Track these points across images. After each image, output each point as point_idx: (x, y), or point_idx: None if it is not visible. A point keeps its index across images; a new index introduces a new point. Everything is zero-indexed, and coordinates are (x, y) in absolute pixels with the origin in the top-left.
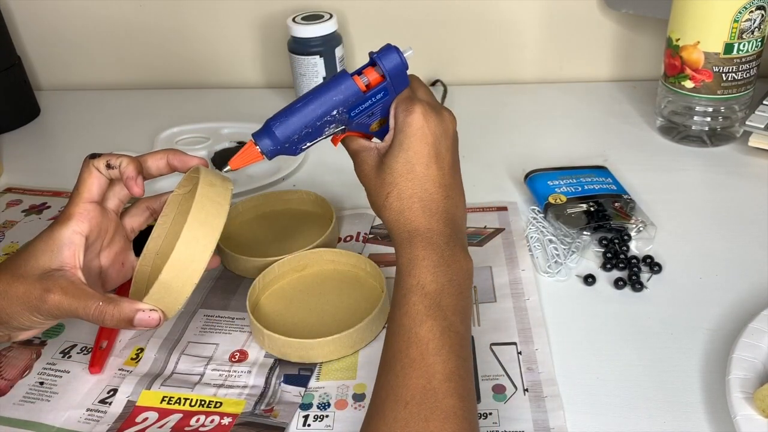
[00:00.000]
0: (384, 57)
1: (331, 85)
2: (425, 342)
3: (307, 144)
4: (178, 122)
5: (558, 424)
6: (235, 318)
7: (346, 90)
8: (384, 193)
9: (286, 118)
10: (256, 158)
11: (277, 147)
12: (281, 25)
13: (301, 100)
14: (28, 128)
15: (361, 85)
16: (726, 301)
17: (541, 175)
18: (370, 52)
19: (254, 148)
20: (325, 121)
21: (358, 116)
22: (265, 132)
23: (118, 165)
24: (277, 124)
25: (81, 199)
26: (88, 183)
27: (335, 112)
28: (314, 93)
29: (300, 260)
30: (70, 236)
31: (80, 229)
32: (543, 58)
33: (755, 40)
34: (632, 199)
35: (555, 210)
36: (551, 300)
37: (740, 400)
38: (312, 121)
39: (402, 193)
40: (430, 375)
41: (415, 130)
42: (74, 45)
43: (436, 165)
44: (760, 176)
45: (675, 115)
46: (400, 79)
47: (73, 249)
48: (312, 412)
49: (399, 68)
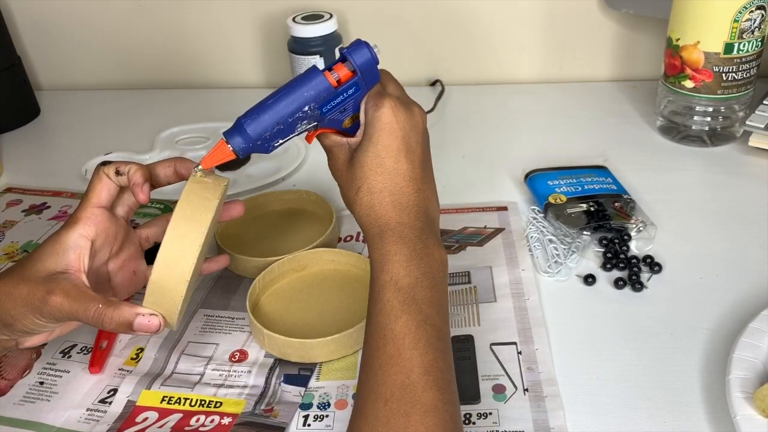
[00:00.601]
0: (354, 52)
1: (302, 81)
2: (401, 337)
3: (280, 141)
4: (178, 122)
5: (558, 424)
6: (235, 318)
7: (317, 86)
8: (354, 187)
9: (258, 115)
10: (227, 156)
11: (249, 144)
12: (281, 25)
13: (272, 96)
14: (28, 128)
15: (332, 81)
16: (726, 301)
17: (541, 175)
18: (339, 47)
19: (226, 147)
20: (297, 118)
21: (330, 112)
22: (237, 130)
23: (126, 172)
24: (248, 122)
25: (89, 203)
26: (97, 188)
27: (307, 108)
28: (285, 89)
29: (300, 260)
30: (76, 240)
31: (86, 233)
32: (543, 58)
33: (755, 40)
34: (632, 199)
35: (555, 210)
36: (551, 300)
37: (740, 399)
38: (284, 117)
39: (372, 188)
40: (408, 370)
41: (384, 124)
42: (74, 45)
43: (405, 159)
44: (760, 176)
45: (675, 115)
46: (371, 75)
47: (79, 252)
48: (312, 412)
49: (369, 63)
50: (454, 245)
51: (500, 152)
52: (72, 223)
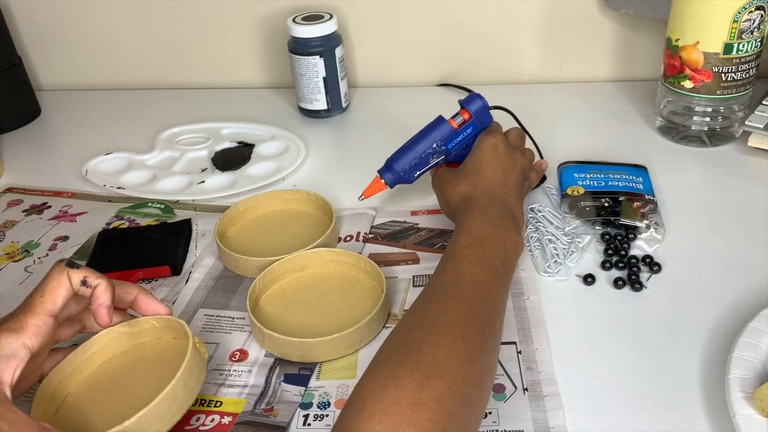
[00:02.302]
0: (469, 102)
1: (432, 126)
2: (461, 260)
3: (418, 172)
4: (178, 122)
5: (557, 423)
6: (236, 317)
7: (441, 128)
8: (455, 183)
9: (401, 154)
10: (381, 188)
11: (395, 177)
12: (281, 25)
13: (410, 140)
14: (29, 128)
15: (453, 124)
16: (725, 301)
17: (573, 167)
18: (459, 100)
19: (380, 181)
20: (428, 153)
21: (455, 148)
22: (386, 167)
23: (94, 286)
24: (394, 160)
25: (44, 310)
26: (57, 293)
27: (435, 145)
28: (419, 133)
29: (300, 260)
30: (16, 349)
31: (31, 344)
32: (543, 58)
33: (755, 40)
34: (654, 201)
35: (569, 201)
36: (551, 300)
37: (740, 399)
38: (418, 153)
39: (471, 183)
40: (459, 275)
41: (489, 145)
42: (74, 45)
43: (502, 172)
44: (760, 176)
45: (674, 115)
46: (483, 117)
47: (15, 363)
48: (312, 411)
49: (481, 108)
50: None
51: None
52: (17, 329)
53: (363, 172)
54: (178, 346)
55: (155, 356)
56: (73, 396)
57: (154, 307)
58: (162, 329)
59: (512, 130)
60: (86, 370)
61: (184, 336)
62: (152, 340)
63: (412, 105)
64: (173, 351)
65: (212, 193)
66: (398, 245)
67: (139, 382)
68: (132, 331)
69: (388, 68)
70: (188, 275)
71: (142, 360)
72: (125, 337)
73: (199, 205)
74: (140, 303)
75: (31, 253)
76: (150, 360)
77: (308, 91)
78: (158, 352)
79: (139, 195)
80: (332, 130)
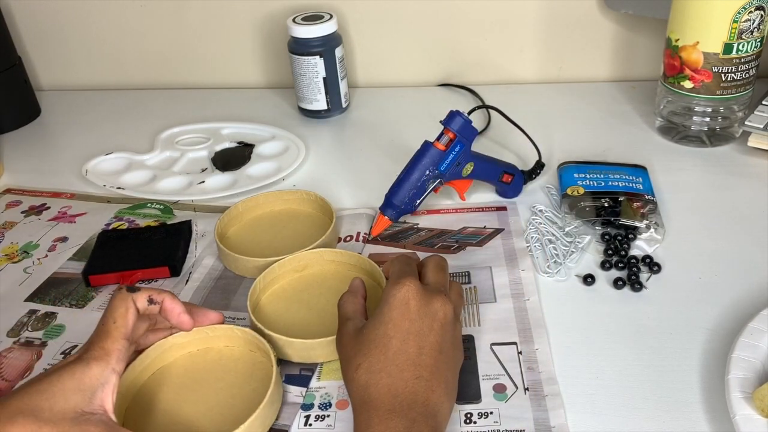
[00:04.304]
0: (450, 121)
1: (420, 154)
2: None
3: (418, 201)
4: (178, 122)
5: (559, 423)
6: (236, 318)
7: (429, 153)
8: (355, 364)
9: (397, 188)
10: (386, 224)
11: (397, 210)
12: (281, 25)
13: (402, 172)
14: (28, 128)
15: (440, 146)
16: (725, 301)
17: (573, 167)
18: (440, 121)
19: (383, 217)
20: (423, 180)
21: (448, 168)
22: (386, 203)
23: (161, 301)
24: (392, 195)
25: (120, 334)
26: (127, 317)
27: (427, 171)
28: (409, 164)
29: (300, 260)
30: (107, 376)
31: (119, 369)
32: (543, 58)
33: (754, 41)
34: (654, 201)
35: (569, 201)
36: (551, 300)
37: (739, 399)
38: (414, 183)
39: (372, 367)
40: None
41: (398, 302)
42: (75, 45)
43: (414, 341)
44: (760, 176)
45: (674, 115)
46: (467, 132)
47: (109, 389)
48: (313, 412)
49: (463, 125)
50: (453, 245)
51: (500, 152)
52: (103, 357)
53: (363, 172)
54: (246, 356)
55: (228, 362)
56: (143, 391)
57: (210, 317)
58: (238, 338)
59: (429, 261)
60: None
61: (256, 349)
62: (226, 347)
63: (412, 105)
64: (243, 360)
65: (212, 194)
66: (398, 245)
67: (210, 385)
68: (209, 335)
69: (388, 68)
70: (188, 276)
71: (213, 363)
72: (198, 341)
73: (199, 205)
74: (199, 318)
75: (31, 254)
76: (219, 365)
77: (308, 91)
78: (232, 359)
79: (140, 195)
80: (332, 131)
